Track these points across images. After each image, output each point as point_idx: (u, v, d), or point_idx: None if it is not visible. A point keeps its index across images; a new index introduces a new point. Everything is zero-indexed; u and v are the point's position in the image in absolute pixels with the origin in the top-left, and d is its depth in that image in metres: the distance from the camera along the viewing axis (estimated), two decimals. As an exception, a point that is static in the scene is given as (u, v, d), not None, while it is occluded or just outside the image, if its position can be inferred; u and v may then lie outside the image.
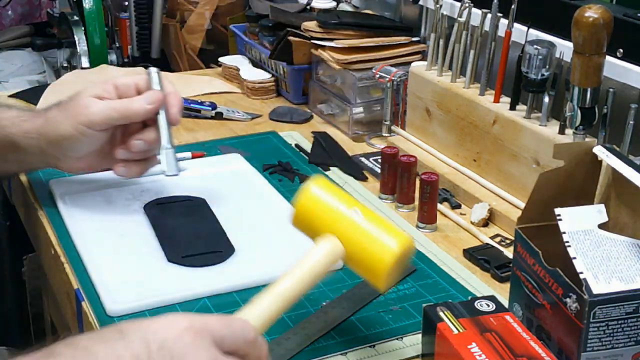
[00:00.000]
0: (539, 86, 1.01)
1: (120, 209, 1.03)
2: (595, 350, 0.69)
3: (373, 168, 1.19)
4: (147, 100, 0.94)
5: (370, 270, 0.74)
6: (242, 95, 1.50)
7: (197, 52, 2.48)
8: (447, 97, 1.16)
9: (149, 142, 0.96)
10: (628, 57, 0.98)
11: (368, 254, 0.74)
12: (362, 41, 1.32)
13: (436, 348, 0.73)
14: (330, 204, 0.77)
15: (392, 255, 0.73)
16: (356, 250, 0.74)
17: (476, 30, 1.13)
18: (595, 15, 0.89)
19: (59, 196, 1.05)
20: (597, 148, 0.78)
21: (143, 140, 0.96)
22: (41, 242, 1.07)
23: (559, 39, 1.04)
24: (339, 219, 0.76)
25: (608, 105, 0.95)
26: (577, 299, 0.68)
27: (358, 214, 0.75)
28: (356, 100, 1.31)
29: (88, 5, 2.34)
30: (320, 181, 0.79)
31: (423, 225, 1.03)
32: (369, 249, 0.74)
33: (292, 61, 1.41)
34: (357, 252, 0.74)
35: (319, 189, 0.78)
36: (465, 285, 0.91)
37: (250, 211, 1.04)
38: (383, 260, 0.73)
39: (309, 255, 0.74)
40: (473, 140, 1.12)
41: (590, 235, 0.72)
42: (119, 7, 2.60)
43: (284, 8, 1.50)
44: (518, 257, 0.78)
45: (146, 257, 0.93)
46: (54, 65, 2.71)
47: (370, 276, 0.75)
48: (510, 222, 1.01)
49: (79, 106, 0.94)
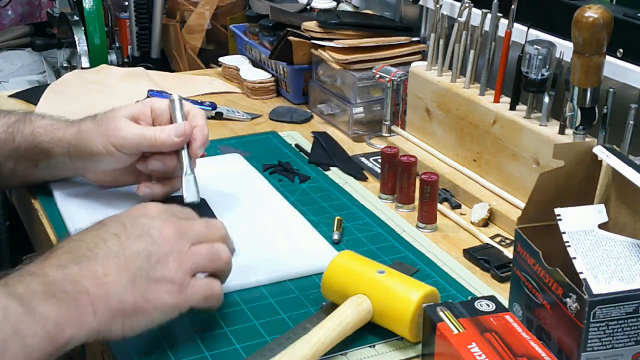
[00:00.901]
0: (539, 86, 1.01)
1: (120, 209, 1.01)
2: (595, 350, 0.69)
3: (373, 168, 1.19)
4: (175, 133, 0.97)
5: (395, 321, 0.79)
6: (242, 95, 1.50)
7: (197, 52, 2.48)
8: (447, 97, 1.16)
9: (166, 165, 0.99)
10: (628, 57, 0.98)
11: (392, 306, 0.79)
12: (362, 41, 1.32)
13: (436, 348, 0.73)
14: (356, 268, 0.83)
15: (412, 304, 0.78)
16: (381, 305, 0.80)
17: (476, 30, 1.13)
18: (595, 15, 0.89)
19: (58, 196, 1.05)
20: (597, 148, 0.78)
21: (162, 162, 0.98)
22: (41, 242, 1.07)
23: (559, 39, 1.04)
24: (365, 280, 0.81)
25: (608, 105, 0.95)
26: (577, 299, 0.68)
27: (382, 273, 0.82)
28: (356, 100, 1.31)
29: (88, 5, 2.34)
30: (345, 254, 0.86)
31: (423, 225, 1.03)
32: (392, 302, 0.79)
33: (292, 61, 1.41)
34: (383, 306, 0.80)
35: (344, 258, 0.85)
36: (465, 285, 0.91)
37: (250, 211, 1.04)
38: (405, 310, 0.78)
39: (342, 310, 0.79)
40: (473, 140, 1.12)
41: (590, 235, 0.72)
42: (119, 7, 2.60)
43: (284, 8, 1.50)
44: (518, 257, 0.78)
45: (146, 257, 0.93)
46: (54, 65, 2.72)
47: (397, 327, 0.79)
48: (510, 222, 1.01)
49: (112, 127, 0.97)
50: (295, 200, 1.08)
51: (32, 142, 1.00)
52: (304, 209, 1.06)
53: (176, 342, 0.80)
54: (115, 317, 0.72)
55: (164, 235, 0.76)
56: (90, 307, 0.70)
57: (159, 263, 0.75)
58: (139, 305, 0.73)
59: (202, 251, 0.78)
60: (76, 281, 0.71)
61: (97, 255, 0.73)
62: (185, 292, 0.75)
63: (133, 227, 0.76)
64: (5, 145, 1.01)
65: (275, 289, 0.89)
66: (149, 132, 0.97)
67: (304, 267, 0.92)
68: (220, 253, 0.79)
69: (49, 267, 0.71)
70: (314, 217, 1.04)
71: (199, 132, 0.99)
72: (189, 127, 0.98)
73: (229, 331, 0.82)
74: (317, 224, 1.02)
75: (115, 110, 1.00)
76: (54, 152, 1.00)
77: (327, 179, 1.16)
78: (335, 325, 0.77)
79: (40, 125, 1.01)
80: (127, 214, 0.79)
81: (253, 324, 0.83)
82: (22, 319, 0.66)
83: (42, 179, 1.06)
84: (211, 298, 0.78)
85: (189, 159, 0.98)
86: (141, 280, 0.73)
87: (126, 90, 1.44)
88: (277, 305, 0.86)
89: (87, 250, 0.73)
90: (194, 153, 0.98)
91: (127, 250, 0.74)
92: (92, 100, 1.41)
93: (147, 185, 1.01)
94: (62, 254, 0.73)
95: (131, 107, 1.00)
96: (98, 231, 0.76)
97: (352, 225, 1.03)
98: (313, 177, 1.16)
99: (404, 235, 1.01)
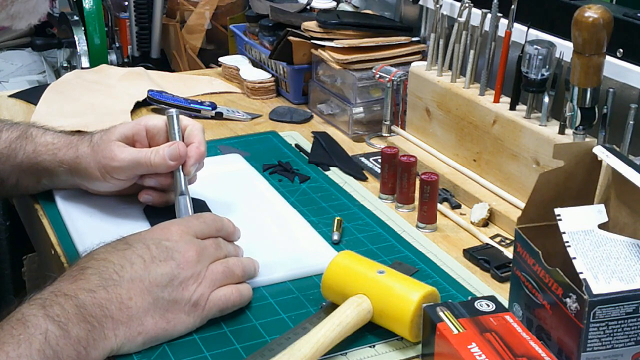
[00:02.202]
0: (539, 86, 1.01)
1: (120, 209, 1.03)
2: (595, 350, 0.69)
3: (373, 168, 1.19)
4: (170, 156, 0.97)
5: (395, 321, 0.79)
6: (242, 95, 1.50)
7: (197, 52, 2.48)
8: (447, 97, 1.16)
9: (161, 183, 1.00)
10: (628, 57, 0.98)
11: (392, 306, 0.79)
12: (362, 41, 1.32)
13: (436, 348, 0.73)
14: (356, 268, 0.84)
15: (412, 304, 0.78)
16: (381, 305, 0.80)
17: (476, 30, 1.13)
18: (595, 15, 0.89)
19: (59, 196, 1.05)
20: (597, 148, 0.78)
21: (156, 180, 1.00)
22: (41, 242, 1.07)
23: (559, 39, 1.04)
24: (365, 280, 0.82)
25: (608, 105, 0.95)
26: (577, 299, 0.68)
27: (382, 274, 0.82)
28: (356, 100, 1.31)
29: (88, 5, 2.34)
30: (345, 254, 0.86)
31: (423, 225, 1.03)
32: (392, 302, 0.79)
33: (292, 61, 1.41)
34: (383, 306, 0.80)
35: (344, 258, 0.85)
36: (465, 285, 0.91)
37: (250, 211, 1.04)
38: (405, 310, 0.78)
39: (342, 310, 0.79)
40: (473, 140, 1.12)
41: (590, 235, 0.72)
42: (119, 7, 2.60)
43: (284, 8, 1.50)
44: (518, 257, 0.78)
45: (146, 257, 0.93)
46: (54, 65, 2.71)
47: (397, 327, 0.79)
48: (510, 222, 1.01)
49: (107, 154, 0.97)
50: (295, 201, 1.08)
51: (35, 160, 1.02)
52: (303, 209, 1.06)
53: (176, 342, 0.80)
54: (135, 338, 0.77)
55: (186, 259, 0.81)
56: (113, 332, 0.76)
57: (180, 286, 0.80)
58: (159, 325, 0.78)
59: (219, 269, 0.83)
60: (103, 306, 0.75)
61: (123, 279, 0.78)
62: (203, 308, 0.81)
63: (157, 250, 0.81)
64: (7, 161, 1.02)
65: (275, 289, 0.89)
66: (143, 156, 0.97)
67: (303, 268, 0.92)
68: (234, 269, 0.85)
69: (80, 291, 0.75)
70: (313, 217, 1.04)
71: (194, 150, 0.98)
72: (183, 148, 0.97)
73: (229, 331, 0.82)
74: (317, 224, 1.02)
75: (110, 132, 0.99)
76: (56, 172, 1.02)
77: (327, 179, 1.16)
78: (335, 325, 0.77)
79: (41, 144, 1.02)
80: (151, 236, 0.83)
81: (253, 324, 0.83)
82: (59, 341, 0.71)
83: (44, 190, 1.07)
84: (226, 309, 0.83)
85: (183, 179, 0.97)
86: (163, 302, 0.79)
87: (126, 90, 1.44)
88: (277, 306, 0.86)
89: (114, 273, 0.78)
90: (187, 171, 0.98)
91: (151, 274, 0.79)
92: (92, 100, 1.41)
93: (148, 192, 1.01)
94: (91, 275, 0.77)
95: (125, 127, 1.00)
96: (124, 252, 0.80)
97: (352, 226, 1.03)
98: (313, 177, 1.16)
99: (404, 235, 1.01)
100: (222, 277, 0.83)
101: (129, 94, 1.41)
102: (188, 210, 0.96)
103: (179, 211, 0.96)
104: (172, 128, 0.99)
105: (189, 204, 0.96)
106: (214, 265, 0.83)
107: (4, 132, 1.03)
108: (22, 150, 1.02)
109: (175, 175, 0.98)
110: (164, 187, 1.00)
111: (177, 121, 0.99)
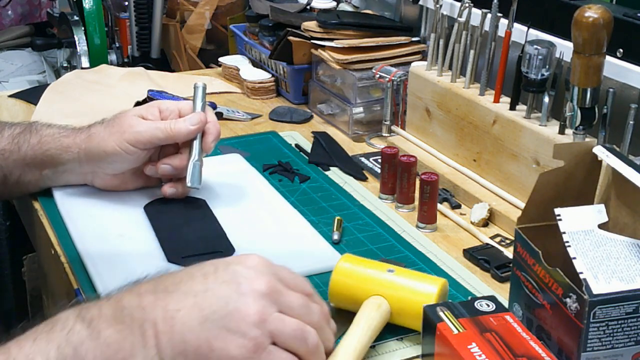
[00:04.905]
0: (539, 86, 1.01)
1: (120, 209, 1.03)
2: (595, 350, 0.69)
3: (373, 168, 1.19)
4: (191, 122, 0.98)
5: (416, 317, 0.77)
6: (242, 95, 1.50)
7: (197, 52, 2.48)
8: (447, 97, 1.16)
9: (175, 167, 1.00)
10: (628, 57, 0.98)
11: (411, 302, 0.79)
12: (362, 41, 1.32)
13: (436, 348, 0.73)
14: (364, 271, 0.83)
15: (432, 297, 0.78)
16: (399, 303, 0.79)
17: (476, 30, 1.13)
18: (595, 15, 0.89)
19: (58, 196, 1.05)
20: (597, 148, 0.78)
21: (170, 165, 1.00)
22: (41, 242, 1.07)
23: (559, 39, 1.04)
24: (378, 281, 0.81)
25: (608, 105, 0.95)
26: (577, 299, 0.68)
27: (392, 272, 0.81)
28: (356, 100, 1.31)
29: (88, 5, 2.34)
30: (346, 257, 0.85)
31: (423, 225, 1.03)
32: (410, 298, 0.79)
33: (292, 61, 1.41)
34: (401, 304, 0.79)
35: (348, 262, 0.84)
36: (465, 285, 0.91)
37: (250, 211, 1.04)
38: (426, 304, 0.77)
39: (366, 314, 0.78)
40: (473, 140, 1.12)
41: (590, 235, 0.72)
42: (119, 7, 2.60)
43: (284, 8, 1.50)
44: (518, 257, 0.78)
45: (146, 257, 0.93)
46: (54, 65, 2.72)
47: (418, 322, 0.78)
48: (510, 222, 1.01)
49: (125, 124, 0.98)
50: (295, 200, 1.09)
51: (39, 150, 1.01)
52: (303, 209, 1.06)
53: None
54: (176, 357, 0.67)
55: (253, 287, 0.68)
56: (154, 339, 0.66)
57: (238, 312, 0.67)
58: (201, 351, 0.66)
59: (290, 324, 0.68)
60: (146, 309, 0.67)
61: (177, 290, 0.69)
62: (260, 354, 0.67)
63: (224, 272, 0.70)
64: (10, 155, 1.02)
65: (275, 289, 0.89)
66: (163, 123, 0.99)
67: (304, 268, 0.92)
68: (308, 337, 0.69)
69: (127, 293, 0.69)
70: (313, 217, 1.04)
71: (212, 127, 1.00)
72: (204, 116, 0.99)
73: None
74: (317, 224, 1.02)
75: (123, 112, 1.01)
76: (62, 159, 1.01)
77: (327, 179, 1.16)
78: (366, 330, 0.77)
79: (47, 134, 1.02)
80: (225, 259, 0.73)
81: (253, 324, 0.83)
82: (84, 341, 0.65)
83: (44, 186, 1.06)
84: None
85: (200, 148, 0.99)
86: (212, 325, 0.66)
87: (126, 90, 1.44)
88: (277, 305, 0.86)
89: (171, 284, 0.69)
90: (208, 146, 1.00)
91: (208, 292, 0.68)
92: (92, 100, 1.41)
93: (172, 185, 1.02)
94: (147, 281, 0.71)
95: (139, 108, 1.02)
96: (192, 269, 0.71)
97: (352, 225, 1.03)
98: (313, 177, 1.16)
99: (404, 235, 1.01)
100: (290, 337, 0.68)
101: (129, 94, 1.41)
102: (199, 175, 0.98)
103: (191, 174, 0.98)
104: (196, 98, 1.01)
105: (199, 172, 0.98)
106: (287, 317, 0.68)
107: (7, 129, 1.03)
108: (27, 143, 1.02)
109: (193, 144, 0.99)
110: (179, 171, 1.00)
111: (202, 93, 1.01)
